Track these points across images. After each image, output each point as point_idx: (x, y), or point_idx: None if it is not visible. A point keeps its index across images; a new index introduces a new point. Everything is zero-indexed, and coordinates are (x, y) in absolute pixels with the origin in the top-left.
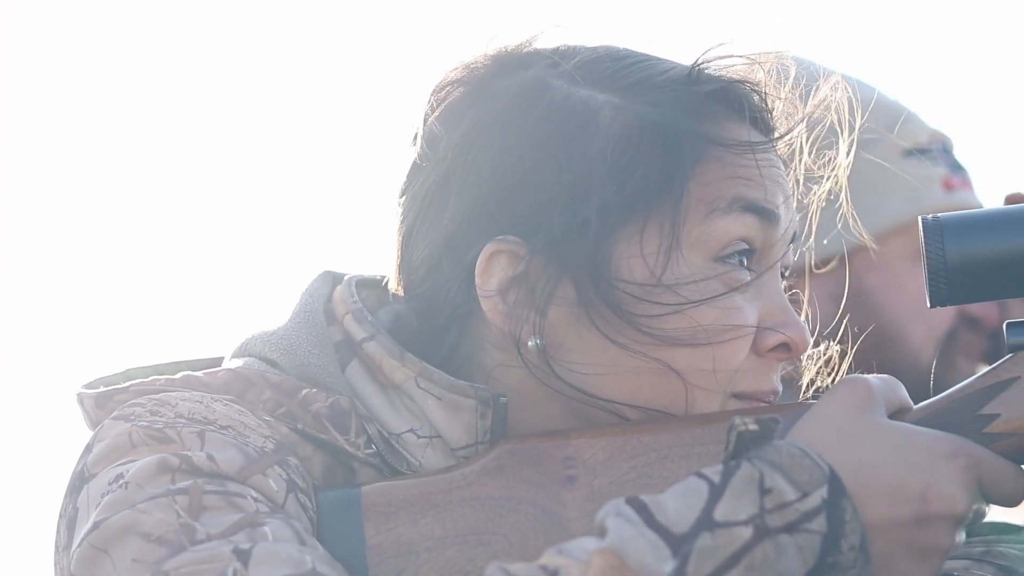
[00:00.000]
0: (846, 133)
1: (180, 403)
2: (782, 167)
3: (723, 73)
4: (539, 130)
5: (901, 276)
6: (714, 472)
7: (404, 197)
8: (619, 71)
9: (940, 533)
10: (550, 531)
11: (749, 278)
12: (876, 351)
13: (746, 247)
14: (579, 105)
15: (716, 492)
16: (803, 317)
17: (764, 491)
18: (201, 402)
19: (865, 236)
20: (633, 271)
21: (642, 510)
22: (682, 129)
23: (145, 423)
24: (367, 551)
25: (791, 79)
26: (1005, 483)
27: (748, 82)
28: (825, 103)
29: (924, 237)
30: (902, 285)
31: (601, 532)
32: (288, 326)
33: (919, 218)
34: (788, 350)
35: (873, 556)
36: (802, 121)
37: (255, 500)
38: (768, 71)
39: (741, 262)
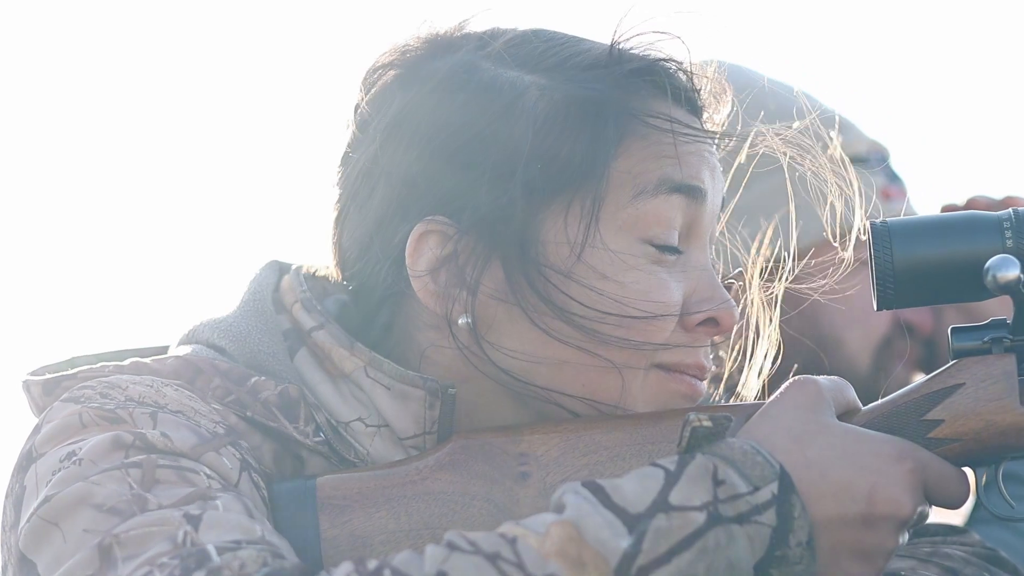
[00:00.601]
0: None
1: (131, 386)
2: (709, 141)
3: (647, 51)
4: (466, 110)
5: (839, 283)
6: (670, 461)
7: (337, 180)
8: (545, 51)
9: (885, 534)
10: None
11: (675, 256)
12: (814, 356)
13: (676, 230)
14: (505, 86)
15: (672, 478)
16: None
17: (717, 482)
18: (152, 386)
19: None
20: (560, 251)
21: (598, 492)
22: (606, 108)
23: (96, 404)
24: (322, 543)
25: (714, 63)
26: (949, 486)
27: (672, 60)
28: (769, 111)
29: (872, 241)
30: (839, 291)
31: (559, 508)
32: (237, 314)
33: (867, 222)
34: (716, 324)
35: (819, 553)
36: (733, 108)
37: (208, 477)
38: (691, 51)
39: (671, 238)
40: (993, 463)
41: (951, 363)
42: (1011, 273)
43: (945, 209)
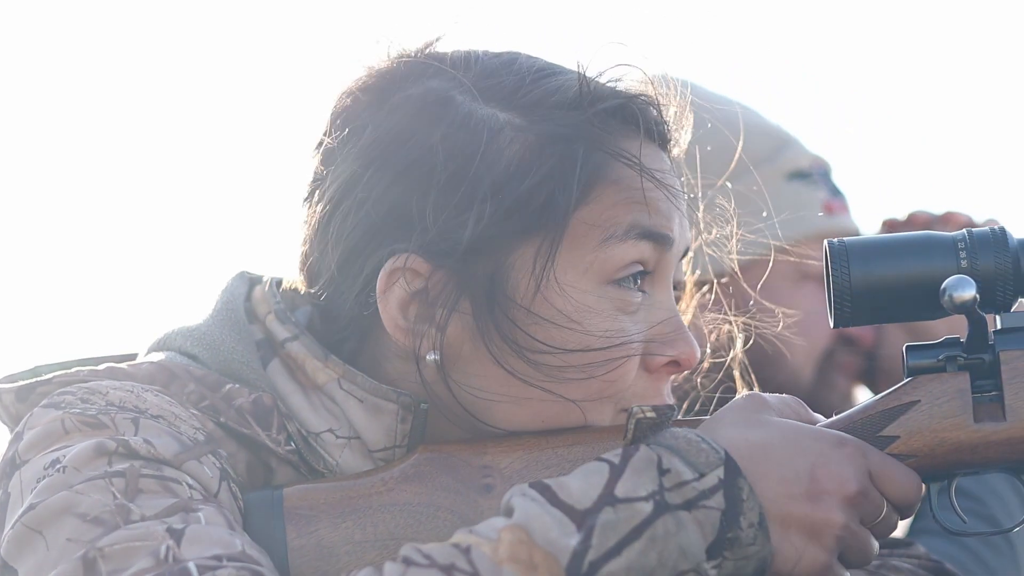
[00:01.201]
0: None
1: (111, 392)
2: (677, 184)
3: (618, 86)
4: (442, 147)
5: (783, 295)
6: (614, 455)
7: (308, 202)
8: (518, 88)
9: (831, 509)
10: None
11: (640, 299)
12: (758, 368)
13: (640, 269)
14: (480, 124)
15: (616, 472)
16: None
17: (663, 471)
18: (132, 391)
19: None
20: (527, 293)
21: (545, 491)
22: (579, 151)
23: (77, 410)
24: (289, 553)
25: (678, 87)
26: (896, 476)
27: (643, 95)
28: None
29: (830, 260)
30: (783, 304)
31: (508, 512)
32: (210, 322)
33: (825, 242)
34: (678, 366)
35: (772, 533)
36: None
37: (190, 487)
38: (659, 80)
39: (635, 282)
40: (946, 479)
41: (906, 381)
42: (967, 294)
43: (886, 223)
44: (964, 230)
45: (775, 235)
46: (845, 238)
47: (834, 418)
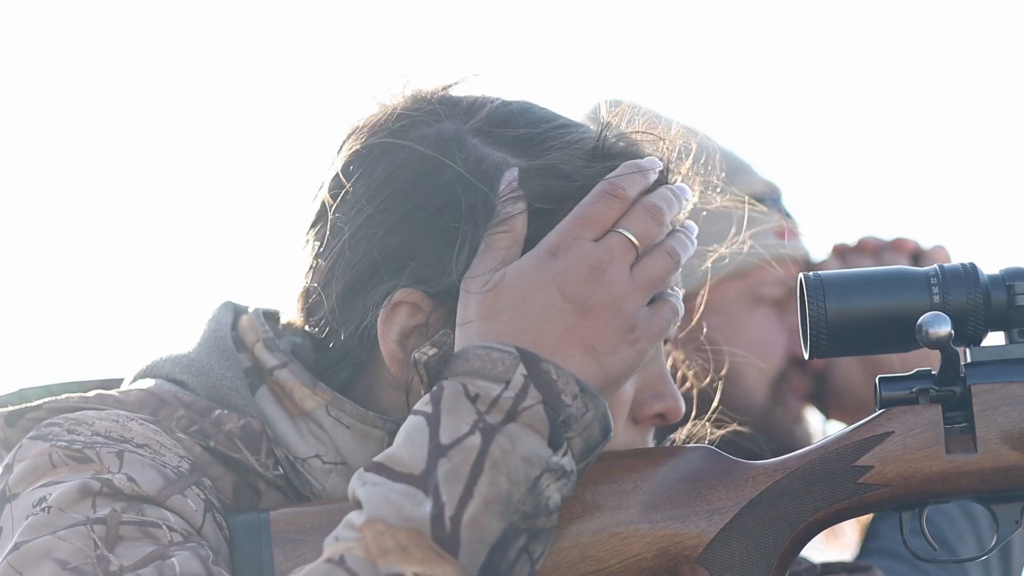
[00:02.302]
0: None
1: (97, 422)
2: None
3: (628, 149)
4: (452, 188)
5: (737, 318)
6: (424, 404)
7: (313, 232)
8: (531, 136)
9: (599, 299)
10: None
11: None
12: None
13: None
14: (491, 168)
15: (434, 420)
16: None
17: (473, 398)
18: (117, 421)
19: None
20: None
21: (381, 469)
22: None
23: (64, 443)
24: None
25: (692, 154)
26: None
27: (655, 157)
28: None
29: (807, 293)
30: (737, 327)
31: (358, 504)
32: (198, 350)
33: (801, 275)
34: (663, 418)
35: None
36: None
37: (169, 529)
38: (671, 145)
39: None
40: (917, 507)
41: (879, 412)
42: (943, 330)
43: (836, 248)
44: (936, 265)
45: (730, 259)
46: (820, 272)
47: (810, 447)
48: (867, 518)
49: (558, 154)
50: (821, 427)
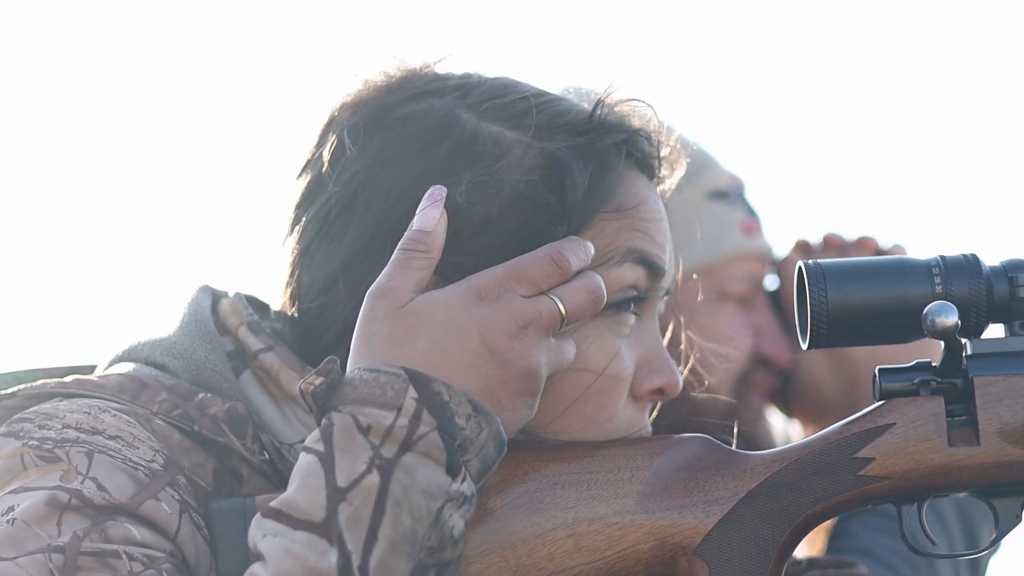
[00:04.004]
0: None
1: (68, 415)
2: (666, 215)
3: (623, 119)
4: (448, 162)
5: (702, 315)
6: (315, 441)
7: (303, 214)
8: (526, 110)
9: (520, 359)
10: None
11: (633, 322)
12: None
13: (635, 294)
14: (489, 141)
15: (327, 460)
16: None
17: (365, 430)
18: (89, 412)
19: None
20: None
21: (279, 516)
22: (584, 177)
23: (35, 441)
24: None
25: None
26: (533, 267)
27: (644, 131)
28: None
29: (808, 282)
30: (702, 324)
31: (258, 556)
32: (180, 334)
33: (800, 264)
34: (662, 393)
35: (491, 410)
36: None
37: (129, 559)
38: (660, 118)
39: (629, 306)
40: (917, 501)
41: (880, 403)
42: (950, 320)
43: (799, 245)
44: (938, 255)
45: (696, 255)
46: (820, 260)
47: (810, 438)
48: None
49: (553, 126)
50: (783, 427)
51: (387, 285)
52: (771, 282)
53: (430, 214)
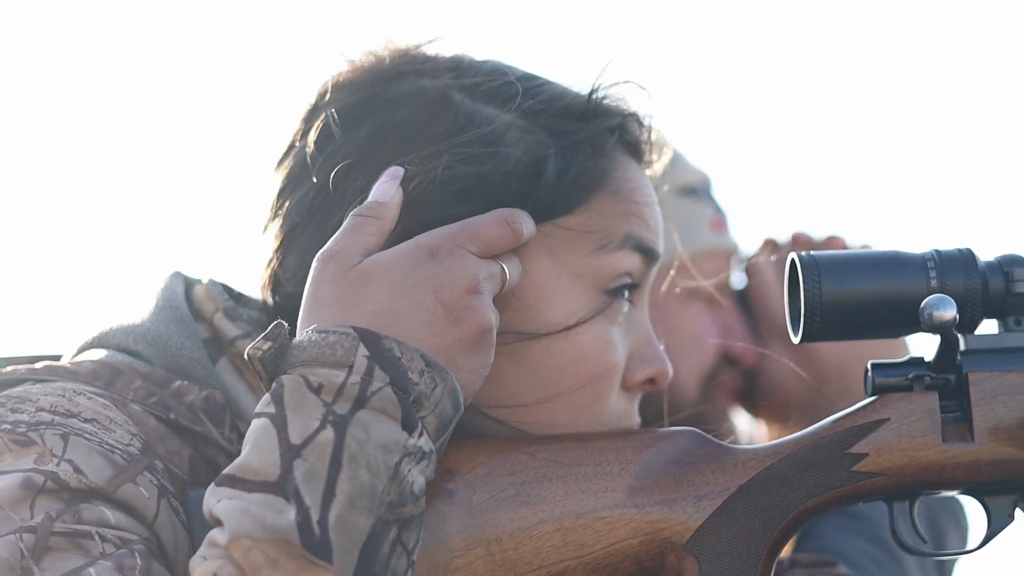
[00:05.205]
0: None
1: (42, 397)
2: (656, 200)
3: (617, 103)
4: (444, 143)
5: (671, 313)
6: (265, 404)
7: (286, 199)
8: (521, 93)
9: (474, 317)
10: (428, 544)
11: (627, 310)
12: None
13: (630, 281)
14: (484, 123)
15: (279, 420)
16: None
17: (316, 389)
18: (63, 395)
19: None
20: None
21: (233, 482)
22: (580, 160)
23: (8, 425)
24: None
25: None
26: (488, 231)
27: (636, 115)
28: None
29: (802, 274)
30: (671, 321)
31: (217, 522)
32: (153, 320)
33: (794, 255)
34: (652, 383)
35: (445, 367)
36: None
37: (102, 540)
38: (651, 101)
39: (623, 294)
40: (909, 498)
41: (873, 398)
42: (948, 313)
43: (767, 243)
44: (932, 249)
45: (665, 252)
46: (814, 252)
47: (802, 432)
48: None
49: (548, 110)
50: (747, 427)
51: (335, 248)
52: (738, 280)
53: (386, 187)
